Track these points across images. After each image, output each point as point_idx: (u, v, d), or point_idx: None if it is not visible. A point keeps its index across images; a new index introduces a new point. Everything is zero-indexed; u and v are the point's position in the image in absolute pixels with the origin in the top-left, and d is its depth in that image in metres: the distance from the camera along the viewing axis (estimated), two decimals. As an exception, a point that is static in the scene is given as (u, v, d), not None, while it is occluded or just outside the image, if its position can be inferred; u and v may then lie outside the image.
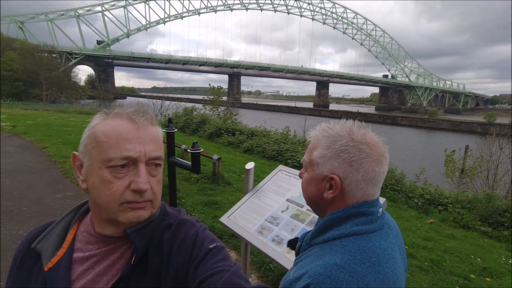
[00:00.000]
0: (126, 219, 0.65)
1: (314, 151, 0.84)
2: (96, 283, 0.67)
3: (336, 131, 0.82)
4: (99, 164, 0.64)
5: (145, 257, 0.68)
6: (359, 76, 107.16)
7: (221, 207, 4.61)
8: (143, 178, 0.65)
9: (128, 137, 0.65)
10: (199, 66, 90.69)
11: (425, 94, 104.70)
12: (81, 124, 13.97)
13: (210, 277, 0.63)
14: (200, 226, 0.76)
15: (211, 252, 0.69)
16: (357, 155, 0.77)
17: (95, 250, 0.70)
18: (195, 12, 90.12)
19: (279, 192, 2.29)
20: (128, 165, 0.65)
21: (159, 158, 0.70)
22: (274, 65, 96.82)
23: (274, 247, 1.90)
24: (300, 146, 8.99)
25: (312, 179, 0.84)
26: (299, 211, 2.08)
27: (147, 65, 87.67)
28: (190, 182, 5.98)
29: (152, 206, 0.69)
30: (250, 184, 2.44)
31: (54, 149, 8.09)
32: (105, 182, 0.64)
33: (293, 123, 12.83)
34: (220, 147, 10.86)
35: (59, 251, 0.70)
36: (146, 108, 0.72)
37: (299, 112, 49.86)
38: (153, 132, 0.70)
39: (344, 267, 0.70)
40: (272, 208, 2.18)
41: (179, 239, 0.71)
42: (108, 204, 0.65)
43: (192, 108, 16.54)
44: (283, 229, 1.99)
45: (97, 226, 0.71)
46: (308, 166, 0.86)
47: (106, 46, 74.36)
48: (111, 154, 0.63)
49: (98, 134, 0.65)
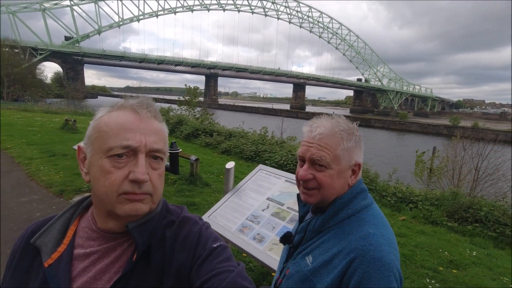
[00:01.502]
0: (124, 211, 0.64)
1: (338, 147, 0.90)
2: (97, 281, 0.65)
3: (344, 123, 0.93)
4: (100, 154, 0.64)
5: (147, 254, 0.67)
6: (335, 79, 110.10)
7: (200, 208, 4.54)
8: (142, 168, 0.64)
9: (129, 127, 0.65)
10: (175, 66, 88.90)
11: (396, 97, 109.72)
12: (47, 124, 13.17)
13: (214, 277, 0.62)
14: (203, 224, 0.75)
15: (215, 251, 0.68)
16: (361, 139, 0.93)
17: (97, 246, 0.68)
18: (170, 10, 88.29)
19: (259, 191, 2.30)
20: (127, 155, 0.64)
21: (161, 151, 0.69)
22: (251, 66, 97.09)
23: (256, 245, 1.89)
24: (278, 147, 9.06)
25: (339, 172, 0.91)
26: (279, 209, 2.09)
27: (120, 63, 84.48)
28: (167, 183, 5.83)
29: (151, 201, 0.68)
30: (231, 184, 2.42)
31: (18, 150, 7.57)
32: (104, 172, 0.63)
33: (271, 125, 12.90)
34: (198, 148, 10.71)
35: (59, 247, 0.68)
36: (150, 102, 0.71)
37: (276, 113, 50.36)
38: (156, 125, 0.69)
39: (376, 234, 0.83)
40: (252, 207, 2.18)
41: (182, 236, 0.70)
42: (107, 195, 0.63)
43: (169, 109, 16.19)
44: (264, 227, 1.99)
45: (99, 220, 0.69)
46: (332, 163, 0.90)
47: (75, 43, 70.66)
48: (111, 143, 0.63)
49: (101, 125, 0.66)
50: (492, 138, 9.91)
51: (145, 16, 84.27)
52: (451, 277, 3.27)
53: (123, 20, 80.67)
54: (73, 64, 71.43)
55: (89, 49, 72.13)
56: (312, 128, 0.94)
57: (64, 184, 5.25)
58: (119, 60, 79.53)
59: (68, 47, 68.66)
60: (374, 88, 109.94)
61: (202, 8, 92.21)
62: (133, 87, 33.20)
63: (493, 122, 79.08)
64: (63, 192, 4.93)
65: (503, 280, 3.31)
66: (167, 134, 0.74)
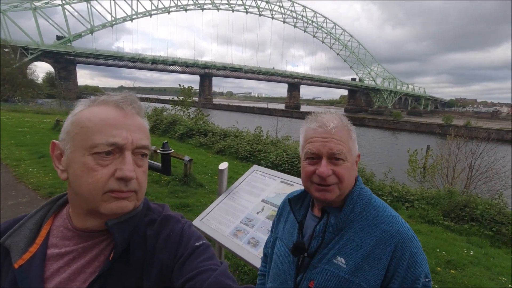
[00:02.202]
0: (109, 209, 0.62)
1: (349, 139, 0.91)
2: (72, 281, 0.62)
3: (345, 119, 0.95)
4: (82, 151, 0.61)
5: (126, 253, 0.64)
6: (329, 78, 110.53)
7: (193, 210, 4.44)
8: (129, 165, 0.62)
9: (115, 123, 0.63)
10: (169, 66, 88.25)
11: (390, 97, 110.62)
12: (38, 124, 12.91)
13: (196, 276, 0.61)
14: (185, 222, 0.74)
15: (198, 250, 0.67)
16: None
17: (72, 246, 0.65)
18: (164, 10, 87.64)
19: (254, 193, 2.20)
20: (113, 152, 0.62)
21: (146, 148, 0.68)
22: (246, 66, 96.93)
23: (250, 249, 1.80)
24: (273, 147, 8.99)
25: (352, 164, 0.92)
26: (274, 211, 2.00)
27: (113, 63, 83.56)
28: (161, 184, 5.72)
29: (136, 198, 0.66)
30: (224, 185, 2.33)
31: (6, 152, 7.36)
32: (88, 169, 0.60)
33: (266, 124, 12.84)
34: (192, 148, 10.59)
35: (31, 247, 0.64)
36: (134, 97, 0.69)
37: (271, 113, 50.25)
38: (140, 122, 0.68)
39: (397, 215, 0.90)
40: (247, 209, 2.09)
41: (164, 235, 0.69)
42: (90, 193, 0.61)
43: (162, 109, 16.01)
44: (259, 231, 1.90)
45: (76, 219, 0.66)
46: (348, 155, 0.90)
47: (67, 42, 69.62)
48: (96, 140, 0.60)
49: (83, 120, 0.62)
50: (484, 137, 9.96)
51: (139, 15, 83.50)
52: (449, 277, 3.22)
53: (116, 20, 79.81)
54: (65, 64, 70.34)
55: (82, 49, 71.15)
56: (323, 123, 0.90)
57: (53, 186, 5.10)
58: (113, 60, 78.64)
59: (60, 46, 67.63)
60: (368, 88, 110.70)
61: (196, 7, 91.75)
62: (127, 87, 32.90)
63: (485, 120, 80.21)
64: (52, 194, 4.78)
65: (501, 280, 3.28)
66: (148, 129, 0.72)
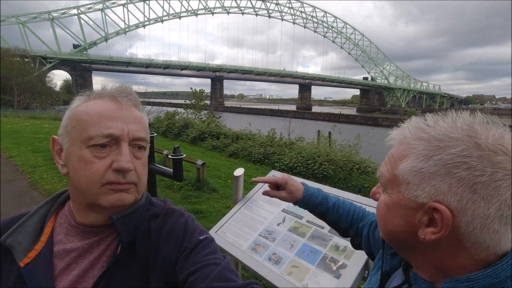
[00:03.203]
0: (108, 202, 0.62)
1: (400, 162, 0.53)
2: (83, 278, 0.62)
3: (443, 130, 0.49)
4: (79, 144, 0.61)
5: (131, 247, 0.65)
6: (340, 78, 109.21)
7: (207, 216, 4.28)
8: (126, 156, 0.62)
9: (110, 115, 0.63)
10: (180, 70, 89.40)
11: (403, 95, 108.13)
12: (54, 131, 13.12)
13: (200, 270, 0.61)
14: (188, 216, 0.74)
15: (201, 243, 0.67)
16: (489, 173, 0.44)
17: (78, 242, 0.65)
18: (175, 15, 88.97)
19: (273, 202, 2.01)
20: (109, 144, 0.62)
21: (144, 140, 0.67)
22: (256, 68, 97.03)
23: (271, 267, 1.61)
24: (287, 149, 8.77)
25: (396, 205, 0.54)
26: (297, 223, 1.80)
27: (126, 69, 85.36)
28: (173, 189, 5.60)
29: (136, 191, 0.66)
30: (240, 193, 2.15)
31: (22, 158, 7.45)
32: (85, 162, 0.60)
33: (278, 126, 12.62)
34: (204, 151, 10.49)
35: (36, 245, 0.63)
36: (130, 89, 0.68)
37: (283, 114, 49.88)
38: (137, 114, 0.68)
39: None
40: (266, 220, 1.90)
41: (168, 228, 0.69)
42: (88, 186, 0.61)
43: (175, 112, 16.06)
44: (281, 246, 1.70)
45: (78, 215, 0.66)
46: (389, 185, 0.56)
47: (83, 50, 71.75)
48: (91, 132, 0.60)
49: (79, 114, 0.63)
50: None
51: (150, 21, 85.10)
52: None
53: (129, 27, 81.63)
54: (81, 72, 72.42)
55: (97, 56, 73.08)
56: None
57: (67, 192, 5.06)
58: (126, 66, 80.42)
59: (76, 55, 69.72)
60: (380, 86, 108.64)
61: (207, 12, 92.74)
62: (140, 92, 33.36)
63: (505, 117, 77.24)
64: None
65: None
66: (148, 124, 0.71)
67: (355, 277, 1.39)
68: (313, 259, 1.55)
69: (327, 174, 6.95)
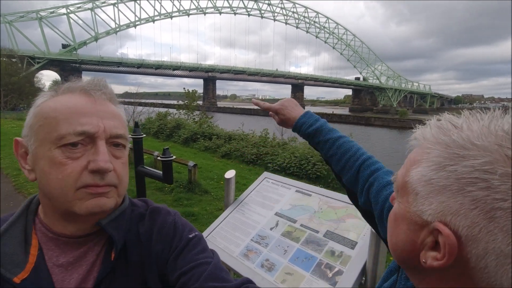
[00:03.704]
0: (85, 208, 0.55)
1: (413, 168, 0.44)
2: None
3: (469, 134, 0.38)
4: (48, 145, 0.54)
5: (124, 251, 0.61)
6: (333, 78, 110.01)
7: (198, 219, 4.19)
8: (104, 155, 0.55)
9: (83, 111, 0.56)
10: (172, 71, 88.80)
11: (395, 95, 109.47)
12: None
13: (192, 270, 0.59)
14: (174, 213, 0.71)
15: (191, 242, 0.65)
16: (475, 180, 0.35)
17: (65, 256, 0.58)
18: (167, 15, 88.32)
19: (265, 205, 1.94)
20: (84, 143, 0.55)
21: (122, 137, 0.61)
22: (249, 68, 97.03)
23: (264, 274, 1.53)
24: (280, 149, 8.73)
25: (403, 217, 0.46)
26: (291, 227, 1.73)
27: (117, 69, 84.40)
28: (164, 192, 5.49)
29: (117, 194, 0.60)
30: (231, 196, 2.06)
31: (7, 161, 7.22)
32: (56, 164, 0.54)
33: (271, 126, 12.56)
34: (197, 152, 10.37)
35: (29, 258, 0.57)
36: (104, 83, 0.62)
37: (276, 115, 49.85)
38: (114, 109, 0.62)
39: None
40: (258, 224, 1.82)
41: (157, 228, 0.66)
42: (62, 191, 0.54)
43: (166, 113, 15.88)
44: (274, 251, 1.63)
45: (55, 225, 0.59)
46: (400, 192, 0.47)
47: (73, 50, 70.66)
48: (62, 130, 0.54)
49: (46, 111, 0.56)
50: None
51: (142, 21, 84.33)
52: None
53: (120, 26, 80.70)
54: (71, 72, 71.08)
55: (87, 56, 72.12)
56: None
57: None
58: (117, 66, 79.52)
59: (65, 55, 68.62)
60: (372, 86, 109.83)
61: (198, 12, 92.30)
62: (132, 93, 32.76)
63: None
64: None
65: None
66: (125, 118, 0.65)
67: (351, 284, 1.33)
68: (308, 266, 1.48)
69: (320, 174, 6.91)
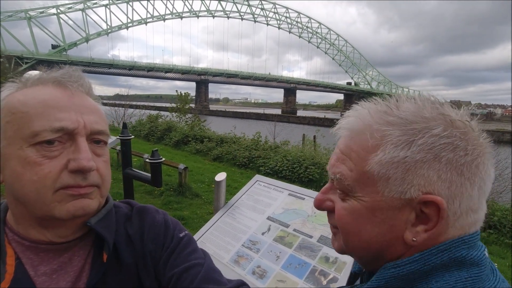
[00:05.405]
0: (66, 211, 0.50)
1: (371, 155, 0.43)
2: None
3: (412, 110, 0.43)
4: (19, 143, 0.49)
5: (114, 253, 0.58)
6: (325, 83, 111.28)
7: (189, 223, 4.09)
8: (86, 153, 0.51)
9: (60, 105, 0.51)
10: (165, 73, 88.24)
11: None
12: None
13: (185, 271, 0.58)
14: (162, 212, 0.69)
15: (182, 241, 0.64)
16: (470, 151, 0.41)
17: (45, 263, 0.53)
18: (160, 18, 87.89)
19: (257, 209, 1.87)
20: (61, 140, 0.50)
21: (104, 133, 0.56)
22: (242, 72, 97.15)
23: (256, 282, 1.47)
24: (272, 152, 8.68)
25: (373, 210, 0.44)
26: (283, 232, 1.67)
27: (109, 71, 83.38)
28: (154, 195, 5.37)
29: (100, 194, 0.56)
30: (222, 200, 1.99)
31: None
32: (30, 164, 0.48)
33: (263, 129, 12.53)
34: (188, 155, 10.25)
35: (6, 269, 0.52)
36: (80, 74, 0.57)
37: (268, 118, 49.96)
38: (92, 103, 0.57)
39: None
40: (249, 229, 1.75)
41: (148, 227, 0.63)
42: (38, 194, 0.48)
43: (158, 115, 15.69)
44: (266, 257, 1.56)
45: (30, 233, 0.53)
46: (357, 186, 0.45)
47: (62, 51, 69.45)
48: (36, 127, 0.48)
49: (15, 105, 0.50)
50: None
51: (134, 23, 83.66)
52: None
53: (112, 28, 79.88)
54: (60, 73, 70.06)
55: (77, 57, 70.88)
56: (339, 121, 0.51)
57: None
58: (108, 68, 78.50)
59: (55, 55, 67.36)
60: (363, 92, 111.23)
61: (192, 15, 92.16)
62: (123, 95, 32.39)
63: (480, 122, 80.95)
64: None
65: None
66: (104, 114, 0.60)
67: (347, 292, 1.27)
68: (301, 272, 1.42)
69: (312, 177, 6.89)
